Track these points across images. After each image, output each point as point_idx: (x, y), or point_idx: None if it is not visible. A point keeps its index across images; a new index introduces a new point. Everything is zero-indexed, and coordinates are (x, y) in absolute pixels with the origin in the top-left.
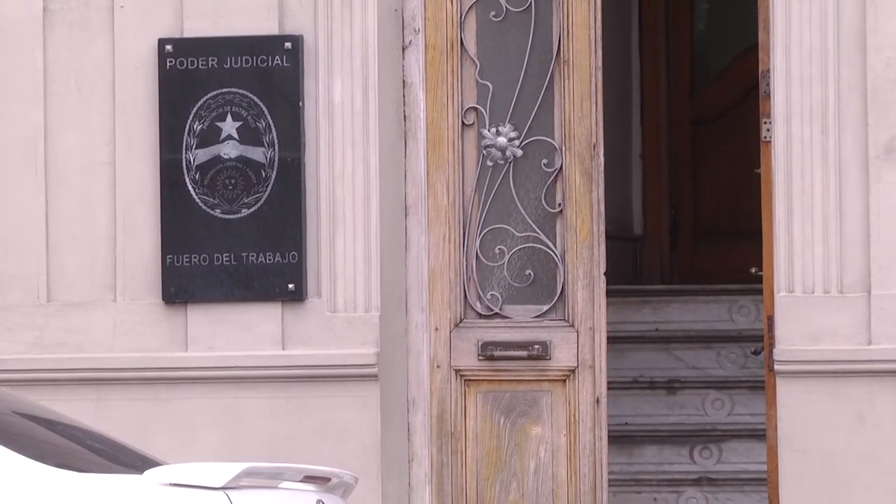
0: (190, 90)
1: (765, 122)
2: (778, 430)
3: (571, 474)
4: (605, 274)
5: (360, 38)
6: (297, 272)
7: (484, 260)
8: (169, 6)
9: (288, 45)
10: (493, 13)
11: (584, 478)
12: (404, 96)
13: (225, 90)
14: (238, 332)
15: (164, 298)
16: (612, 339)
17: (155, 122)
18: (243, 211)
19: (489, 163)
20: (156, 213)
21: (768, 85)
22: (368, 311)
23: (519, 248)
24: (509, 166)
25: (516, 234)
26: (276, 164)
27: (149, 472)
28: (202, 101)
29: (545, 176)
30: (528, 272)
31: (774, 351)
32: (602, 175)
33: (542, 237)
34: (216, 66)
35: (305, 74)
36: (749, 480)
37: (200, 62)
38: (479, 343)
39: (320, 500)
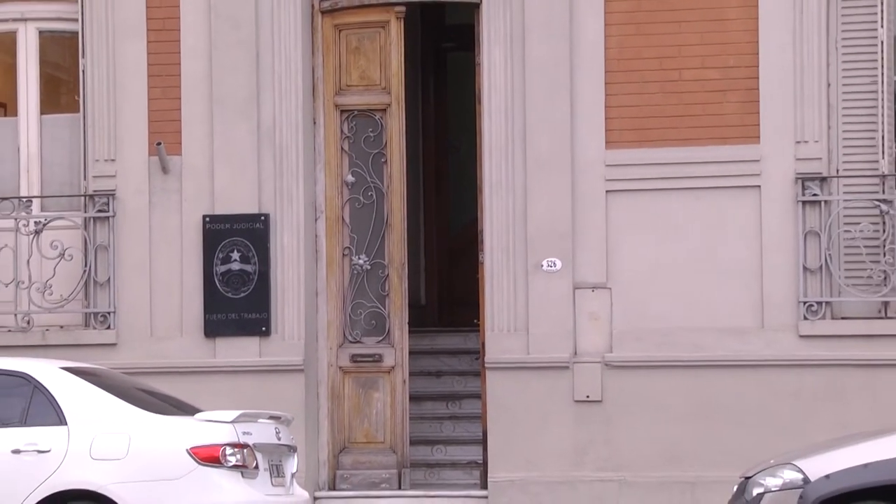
0: (217, 238)
1: (481, 252)
2: (486, 395)
3: (392, 414)
4: (408, 323)
5: (296, 215)
6: (266, 322)
7: (352, 317)
8: (207, 199)
9: (263, 217)
10: (357, 203)
11: (397, 416)
12: (316, 242)
13: (233, 238)
14: (238, 350)
15: (205, 335)
16: (412, 353)
17: (200, 253)
18: (242, 294)
19: (355, 272)
20: (200, 295)
21: (483, 235)
22: (300, 340)
23: (368, 311)
24: (364, 274)
25: (367, 305)
26: (257, 272)
27: (197, 415)
28: (222, 243)
29: (381, 278)
30: (373, 322)
31: (485, 358)
32: (406, 277)
33: (379, 306)
34: (229, 227)
35: (270, 231)
36: (474, 417)
37: (222, 225)
38: (351, 355)
39: (277, 428)
